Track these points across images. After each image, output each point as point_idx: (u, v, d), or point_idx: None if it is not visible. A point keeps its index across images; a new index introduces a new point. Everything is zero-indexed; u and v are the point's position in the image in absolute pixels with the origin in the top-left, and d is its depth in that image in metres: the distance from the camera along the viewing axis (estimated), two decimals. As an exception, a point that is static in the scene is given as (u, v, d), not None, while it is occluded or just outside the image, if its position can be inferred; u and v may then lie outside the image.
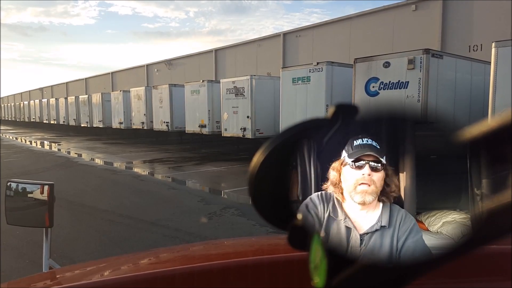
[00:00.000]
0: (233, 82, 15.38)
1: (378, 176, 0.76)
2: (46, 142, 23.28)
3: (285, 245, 0.49)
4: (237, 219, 6.55)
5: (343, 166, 0.77)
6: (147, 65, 38.11)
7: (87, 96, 30.04)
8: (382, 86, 10.18)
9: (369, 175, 0.75)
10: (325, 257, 0.44)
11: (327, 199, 0.78)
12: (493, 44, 8.07)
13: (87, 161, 14.86)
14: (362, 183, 0.76)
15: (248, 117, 14.75)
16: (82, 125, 30.15)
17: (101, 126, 27.11)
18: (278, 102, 13.55)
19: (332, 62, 12.29)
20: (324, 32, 23.77)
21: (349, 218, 0.77)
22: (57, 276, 1.25)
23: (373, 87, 10.38)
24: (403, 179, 0.77)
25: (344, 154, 0.77)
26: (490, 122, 0.35)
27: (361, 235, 0.77)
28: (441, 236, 0.73)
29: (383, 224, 0.77)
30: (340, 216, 0.77)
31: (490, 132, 0.35)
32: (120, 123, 24.01)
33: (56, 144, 22.36)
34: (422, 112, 0.47)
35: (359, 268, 0.43)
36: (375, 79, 10.32)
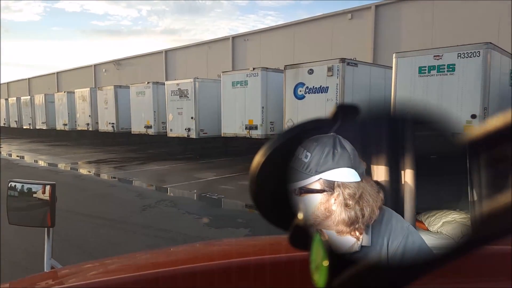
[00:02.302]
0: (178, 84, 16.01)
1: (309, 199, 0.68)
2: (-16, 145, 22.45)
3: (287, 245, 0.49)
4: (169, 209, 7.29)
5: None
6: (95, 65, 37.42)
7: (29, 97, 29.15)
8: (308, 90, 11.35)
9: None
10: (327, 257, 0.44)
11: None
12: (394, 55, 9.44)
13: (29, 162, 14.83)
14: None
15: (192, 118, 15.44)
16: (24, 127, 29.21)
17: (44, 128, 26.49)
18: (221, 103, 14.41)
19: (267, 68, 13.32)
20: (271, 37, 24.74)
21: (323, 234, 0.73)
22: (59, 276, 1.25)
23: (300, 91, 11.53)
24: (402, 180, 0.72)
25: None
26: (491, 122, 0.35)
27: (338, 255, 0.79)
28: (441, 236, 0.72)
29: (364, 244, 0.70)
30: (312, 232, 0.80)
31: (491, 132, 0.35)
32: (65, 124, 23.71)
33: (-4, 146, 21.68)
34: (422, 112, 0.46)
35: (360, 268, 0.42)
36: (302, 84, 11.47)
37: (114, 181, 10.67)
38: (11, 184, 1.62)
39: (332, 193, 0.67)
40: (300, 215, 0.49)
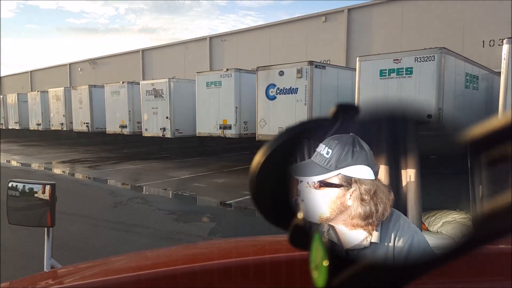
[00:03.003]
0: (153, 84, 16.17)
1: (325, 193, 0.69)
2: (-46, 145, 21.92)
3: (287, 244, 0.49)
4: (140, 206, 7.54)
5: None
6: (70, 64, 36.87)
7: (1, 96, 28.56)
8: (279, 91, 11.76)
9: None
10: (326, 257, 0.44)
11: None
12: (357, 58, 9.95)
13: (2, 162, 14.68)
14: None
15: (167, 117, 15.64)
16: (-4, 127, 28.61)
17: (17, 127, 26.06)
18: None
19: (240, 69, 13.67)
20: (248, 37, 25.05)
21: (334, 230, 0.73)
22: (59, 275, 1.25)
23: (272, 92, 11.93)
24: (405, 180, 0.73)
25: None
26: (491, 122, 0.35)
27: (347, 250, 0.71)
28: (441, 236, 0.72)
29: (373, 241, 0.72)
30: (324, 226, 0.73)
31: (491, 133, 0.35)
32: (38, 124, 23.41)
33: (-34, 146, 21.21)
34: (422, 112, 0.45)
35: (360, 268, 0.42)
36: (273, 85, 11.87)
37: (87, 180, 10.79)
38: (11, 184, 1.61)
39: (349, 188, 0.69)
40: (300, 215, 0.49)
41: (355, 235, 0.72)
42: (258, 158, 0.48)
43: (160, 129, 15.76)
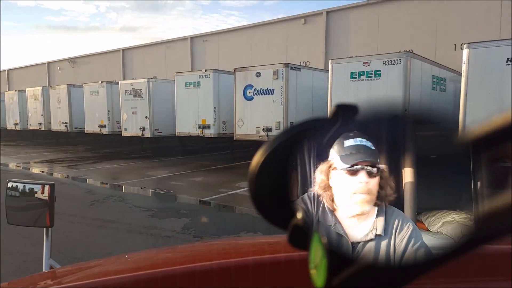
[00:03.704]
0: (132, 84, 16.26)
1: (374, 182, 0.72)
2: None
3: (286, 244, 0.50)
4: (117, 204, 7.73)
5: (333, 170, 0.73)
6: (49, 63, 36.37)
7: (-23, 95, 27.97)
8: (256, 92, 12.08)
9: (367, 183, 0.71)
10: (325, 257, 0.44)
11: (318, 202, 0.74)
12: (330, 61, 10.36)
13: (-23, 162, 14.53)
14: (359, 193, 0.72)
15: (146, 117, 15.76)
16: (-28, 127, 28.01)
17: (-6, 127, 25.62)
18: (175, 103, 14.85)
19: (218, 70, 13.93)
20: (229, 38, 25.24)
21: (340, 224, 0.73)
22: (58, 276, 1.25)
23: (249, 92, 12.24)
24: (403, 180, 0.75)
25: (333, 155, 0.73)
26: (491, 122, 0.35)
27: (353, 243, 0.73)
28: (441, 236, 0.72)
29: (378, 233, 0.74)
30: (330, 221, 0.73)
31: (491, 132, 0.35)
32: (16, 124, 23.12)
33: None
34: (423, 112, 0.46)
35: (359, 268, 0.42)
36: (251, 86, 12.19)
37: (65, 179, 10.87)
38: (10, 184, 1.61)
39: (381, 173, 0.74)
40: (299, 215, 0.49)
41: (360, 228, 0.74)
42: (258, 158, 0.48)
43: (140, 128, 15.87)
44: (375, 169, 0.71)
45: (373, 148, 0.70)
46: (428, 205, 0.79)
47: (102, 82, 17.88)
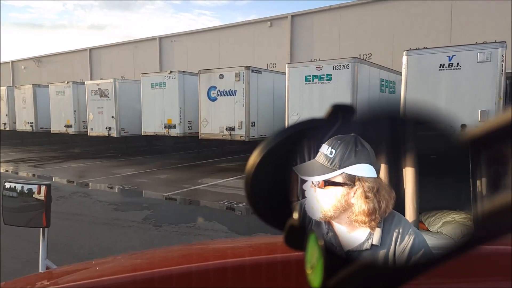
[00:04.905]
0: (98, 84, 16.48)
1: (327, 193, 0.70)
2: None
3: (282, 245, 0.50)
4: (82, 199, 8.14)
5: None
6: (13, 62, 35.48)
7: None
8: (219, 93, 12.69)
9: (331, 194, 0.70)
10: (322, 257, 0.44)
11: None
12: (287, 65, 11.12)
13: None
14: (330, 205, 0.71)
15: (112, 117, 16.03)
16: None
17: (-46, 127, 24.92)
18: (142, 103, 15.20)
19: (183, 71, 14.43)
20: (197, 39, 25.53)
21: (333, 232, 0.73)
22: (54, 276, 1.25)
23: (213, 93, 12.84)
24: (404, 180, 0.74)
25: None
26: (490, 122, 0.35)
27: (347, 252, 0.71)
28: (441, 236, 0.72)
29: (374, 243, 0.72)
30: (323, 229, 0.73)
31: (490, 132, 0.35)
32: (-22, 124, 22.65)
33: None
34: (422, 112, 0.46)
35: (356, 268, 0.43)
36: (214, 87, 12.79)
37: (31, 178, 11.08)
38: (6, 185, 1.60)
39: (352, 186, 0.70)
40: (296, 215, 0.50)
41: (355, 237, 0.73)
42: (254, 159, 0.48)
43: (106, 128, 16.12)
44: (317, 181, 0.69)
45: (330, 156, 0.69)
46: (428, 205, 0.78)
47: (68, 82, 17.97)
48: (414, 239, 0.71)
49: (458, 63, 8.72)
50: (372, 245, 0.72)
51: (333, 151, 0.69)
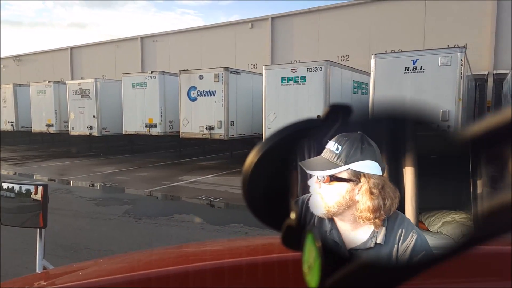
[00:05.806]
0: (79, 84, 16.64)
1: (331, 188, 0.70)
2: None
3: (279, 245, 0.50)
4: (64, 195, 8.43)
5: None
6: (-10, 60, 34.90)
7: None
8: (199, 93, 13.08)
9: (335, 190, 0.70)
10: (319, 257, 0.44)
11: None
12: (264, 67, 11.61)
13: None
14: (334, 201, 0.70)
15: (94, 116, 16.21)
16: None
17: None
18: (124, 103, 15.44)
19: (164, 72, 14.76)
20: (179, 39, 25.76)
21: (337, 230, 0.73)
22: (51, 276, 1.25)
23: (193, 93, 13.22)
24: (404, 180, 0.74)
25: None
26: (490, 121, 0.35)
27: (350, 251, 0.71)
28: (441, 236, 0.72)
29: (378, 242, 0.72)
30: (326, 226, 0.72)
31: (490, 131, 0.35)
32: (-43, 123, 22.40)
33: None
34: (421, 112, 0.46)
35: (353, 268, 0.42)
36: (194, 87, 13.17)
37: (12, 176, 11.25)
38: (3, 185, 1.60)
39: (358, 182, 0.70)
40: (293, 215, 0.50)
41: (359, 235, 0.72)
42: (251, 158, 0.48)
43: (87, 127, 16.29)
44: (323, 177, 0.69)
45: (336, 152, 0.68)
46: (428, 205, 0.78)
47: (49, 82, 18.05)
48: (417, 239, 0.71)
49: (421, 67, 9.35)
50: (376, 243, 0.71)
51: (339, 147, 0.69)
